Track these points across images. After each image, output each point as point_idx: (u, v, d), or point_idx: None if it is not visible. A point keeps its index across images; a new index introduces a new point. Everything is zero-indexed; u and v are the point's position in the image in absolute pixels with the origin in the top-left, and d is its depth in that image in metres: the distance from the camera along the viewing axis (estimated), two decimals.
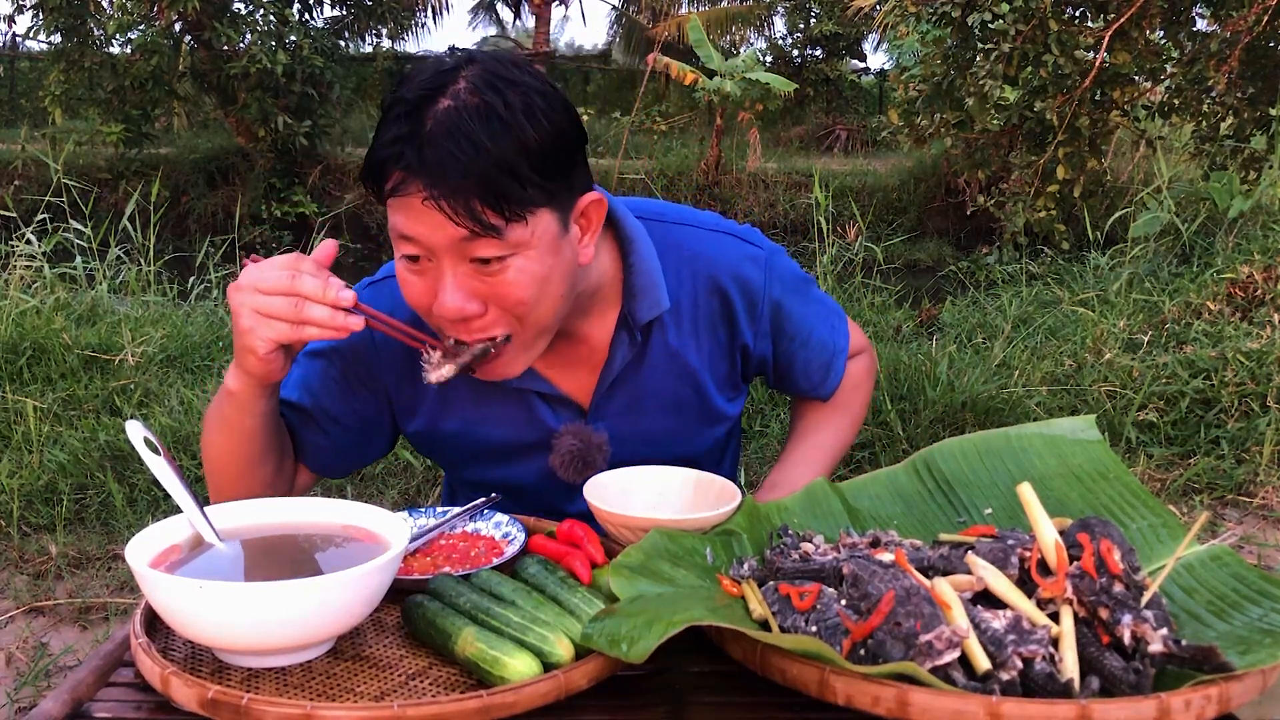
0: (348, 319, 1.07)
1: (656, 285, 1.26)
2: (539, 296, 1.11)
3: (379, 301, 1.23)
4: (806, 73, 17.77)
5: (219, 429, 1.21)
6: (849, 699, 0.83)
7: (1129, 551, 0.91)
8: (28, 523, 3.23)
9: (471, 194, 1.02)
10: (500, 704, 0.84)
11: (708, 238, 1.33)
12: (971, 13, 6.08)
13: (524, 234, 1.07)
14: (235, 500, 1.09)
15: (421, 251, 1.08)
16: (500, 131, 1.03)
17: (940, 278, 7.25)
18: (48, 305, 4.72)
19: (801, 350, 1.41)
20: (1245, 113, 6.24)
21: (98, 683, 0.92)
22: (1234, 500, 3.61)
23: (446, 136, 1.02)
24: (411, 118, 1.04)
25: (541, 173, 1.06)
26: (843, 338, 1.47)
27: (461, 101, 1.03)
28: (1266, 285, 4.81)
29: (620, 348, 1.28)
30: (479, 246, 1.05)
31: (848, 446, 1.51)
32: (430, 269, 1.09)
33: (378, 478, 3.60)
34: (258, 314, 1.07)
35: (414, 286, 1.11)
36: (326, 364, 1.30)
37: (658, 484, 1.25)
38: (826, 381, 1.45)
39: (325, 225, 6.16)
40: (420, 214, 1.04)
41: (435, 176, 1.02)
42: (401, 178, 1.04)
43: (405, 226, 1.07)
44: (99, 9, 11.97)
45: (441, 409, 1.31)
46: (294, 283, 1.06)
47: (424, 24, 23.70)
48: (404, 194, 1.04)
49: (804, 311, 1.40)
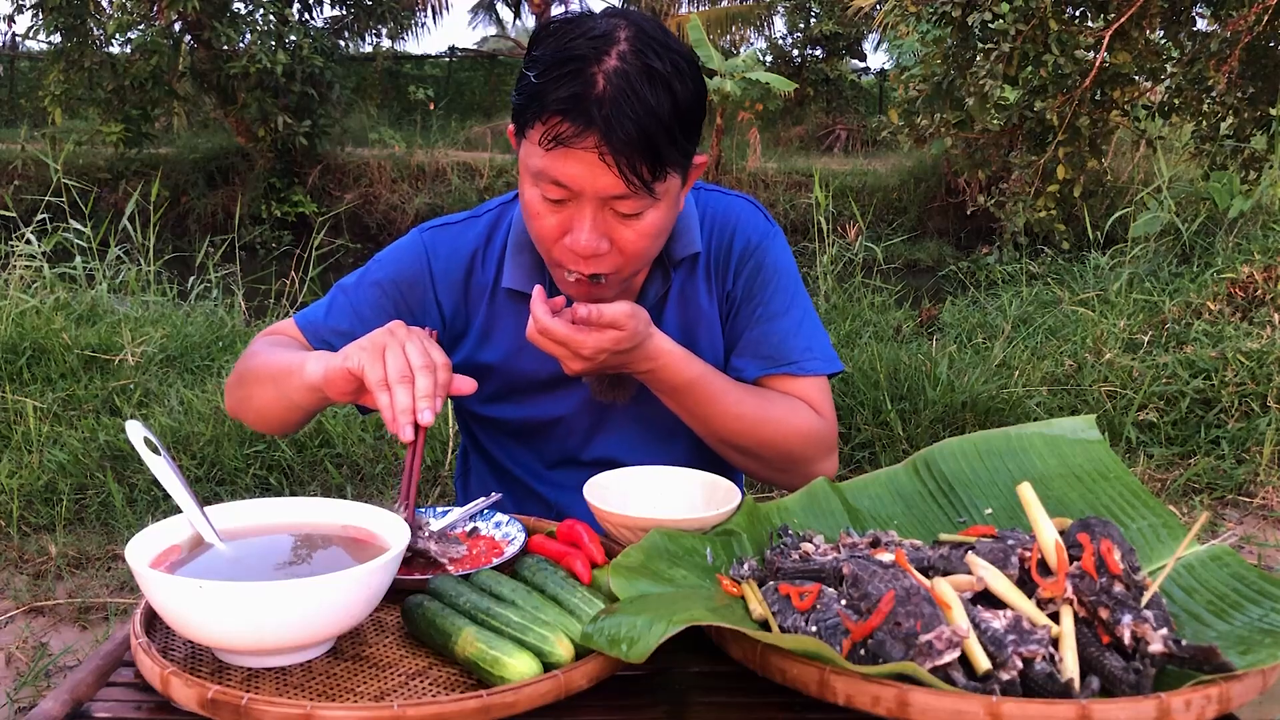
0: (405, 426, 1.09)
1: (690, 229, 1.38)
2: (656, 244, 1.24)
3: (440, 243, 1.40)
4: (806, 72, 17.77)
5: (272, 384, 1.29)
6: (849, 699, 0.83)
7: (1129, 551, 0.91)
8: (28, 523, 3.23)
9: (637, 152, 1.12)
10: (500, 704, 0.84)
11: (728, 199, 1.45)
12: (971, 13, 6.07)
13: (662, 190, 1.18)
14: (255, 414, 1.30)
15: (568, 195, 1.17)
16: (663, 93, 1.13)
17: (940, 278, 7.26)
18: (48, 305, 4.72)
19: (757, 324, 1.38)
20: (1245, 113, 6.24)
21: (98, 683, 0.92)
22: (1234, 500, 3.61)
23: (621, 97, 1.10)
24: (582, 76, 1.11)
25: (686, 134, 1.17)
26: (808, 363, 1.39)
27: (629, 63, 1.12)
28: (1266, 285, 4.81)
29: (653, 284, 1.38)
30: (625, 203, 1.16)
31: (742, 429, 1.33)
32: (568, 209, 1.19)
33: (377, 478, 3.60)
34: (376, 350, 1.12)
35: (546, 220, 1.21)
36: (380, 294, 1.40)
37: (658, 484, 1.25)
38: (757, 371, 1.38)
39: (325, 225, 6.15)
40: (582, 164, 1.13)
41: (609, 133, 1.11)
42: (575, 130, 1.12)
43: (561, 173, 1.15)
44: (99, 9, 11.98)
45: (485, 339, 1.41)
46: (420, 368, 1.11)
47: (424, 24, 23.74)
48: (573, 145, 1.12)
49: (780, 294, 1.40)
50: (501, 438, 1.48)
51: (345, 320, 1.39)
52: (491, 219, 1.43)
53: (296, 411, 1.30)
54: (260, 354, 1.35)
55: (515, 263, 1.37)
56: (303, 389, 1.22)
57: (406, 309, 1.39)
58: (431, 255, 1.40)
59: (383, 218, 12.40)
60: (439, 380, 1.12)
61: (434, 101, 16.94)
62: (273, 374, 1.29)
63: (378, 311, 1.38)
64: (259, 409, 1.35)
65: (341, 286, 1.43)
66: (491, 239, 1.41)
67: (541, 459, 1.47)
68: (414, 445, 1.12)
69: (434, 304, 1.40)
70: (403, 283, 1.40)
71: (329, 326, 1.39)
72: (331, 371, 1.16)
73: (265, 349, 1.36)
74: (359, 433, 3.77)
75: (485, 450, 1.51)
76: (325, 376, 1.17)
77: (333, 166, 12.96)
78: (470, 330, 1.41)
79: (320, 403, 1.25)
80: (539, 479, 1.47)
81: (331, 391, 1.18)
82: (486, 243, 1.41)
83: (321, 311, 1.42)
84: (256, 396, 1.34)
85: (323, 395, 1.21)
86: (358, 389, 1.16)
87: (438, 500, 3.40)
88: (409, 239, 1.44)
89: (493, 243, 1.41)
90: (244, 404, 1.38)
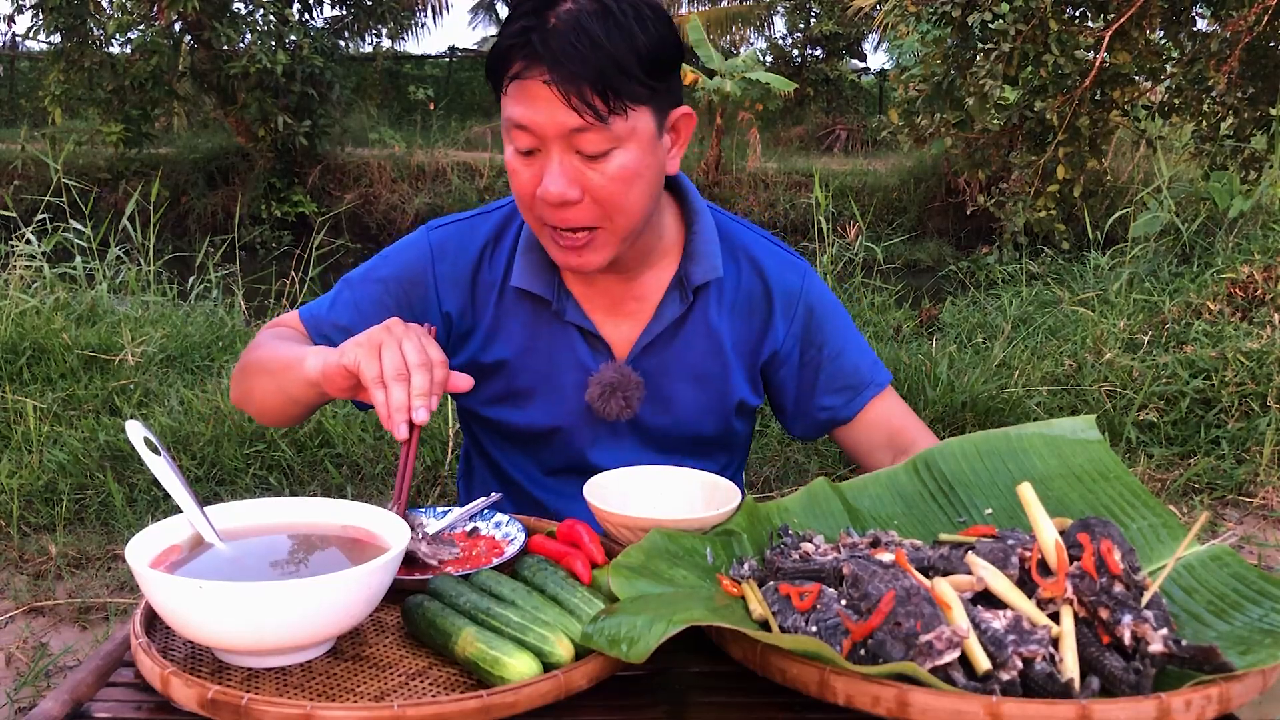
0: (400, 424, 1.09)
1: (713, 254, 1.38)
2: (631, 191, 1.22)
3: (446, 242, 1.40)
4: (806, 73, 17.77)
5: (271, 378, 1.29)
6: (849, 699, 0.83)
7: (1129, 551, 0.91)
8: (28, 523, 3.23)
9: (584, 82, 1.14)
10: (500, 704, 0.84)
11: (757, 238, 1.46)
12: (971, 13, 6.07)
13: (625, 128, 1.18)
14: (256, 406, 1.32)
15: (534, 143, 1.19)
16: (615, 31, 1.15)
17: (940, 278, 7.25)
18: (48, 305, 4.72)
19: (829, 363, 1.44)
20: (1245, 113, 6.24)
21: (98, 683, 0.92)
22: (1234, 500, 3.61)
23: (569, 31, 1.14)
24: (536, 14, 1.16)
25: (647, 72, 1.17)
26: (880, 375, 1.47)
27: (581, 4, 1.15)
28: (1266, 285, 4.81)
29: (670, 305, 1.38)
30: (586, 139, 1.17)
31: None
32: (538, 160, 1.20)
33: (377, 478, 3.60)
34: (372, 346, 1.12)
35: (521, 175, 1.22)
36: (383, 291, 1.40)
37: (658, 484, 1.25)
38: (850, 405, 1.45)
39: (325, 225, 6.15)
40: (536, 100, 1.15)
41: (556, 64, 1.14)
42: (524, 65, 1.16)
43: (521, 115, 1.17)
44: (99, 9, 11.98)
45: (491, 338, 1.40)
46: (416, 365, 1.11)
47: (424, 24, 23.73)
48: (525, 78, 1.16)
49: (836, 328, 1.45)
50: (502, 441, 1.48)
51: (346, 315, 1.39)
52: (502, 217, 1.42)
53: (295, 406, 1.30)
54: (263, 346, 1.35)
55: (525, 261, 1.36)
56: (301, 384, 1.22)
57: (408, 307, 1.39)
58: (436, 254, 1.40)
59: (383, 218, 12.40)
60: (435, 378, 1.12)
61: (434, 101, 16.95)
62: (273, 367, 1.29)
63: (379, 308, 1.39)
64: (260, 401, 1.35)
65: (347, 281, 1.43)
66: (501, 237, 1.41)
67: (541, 465, 1.46)
68: (408, 443, 1.12)
69: (435, 303, 1.40)
70: (405, 280, 1.40)
71: (330, 321, 1.39)
72: (329, 367, 1.16)
73: (268, 341, 1.36)
74: (359, 433, 3.76)
75: (486, 453, 1.51)
76: (323, 372, 1.17)
77: (333, 166, 12.95)
78: (477, 329, 1.41)
79: (319, 398, 1.25)
80: (538, 484, 1.47)
81: (329, 387, 1.18)
82: (495, 240, 1.41)
83: (325, 305, 1.42)
84: (258, 389, 1.34)
85: (320, 391, 1.21)
86: (354, 385, 1.15)
87: (438, 500, 3.40)
88: (415, 236, 1.44)
89: (502, 241, 1.41)
90: (247, 395, 1.38)
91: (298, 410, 1.33)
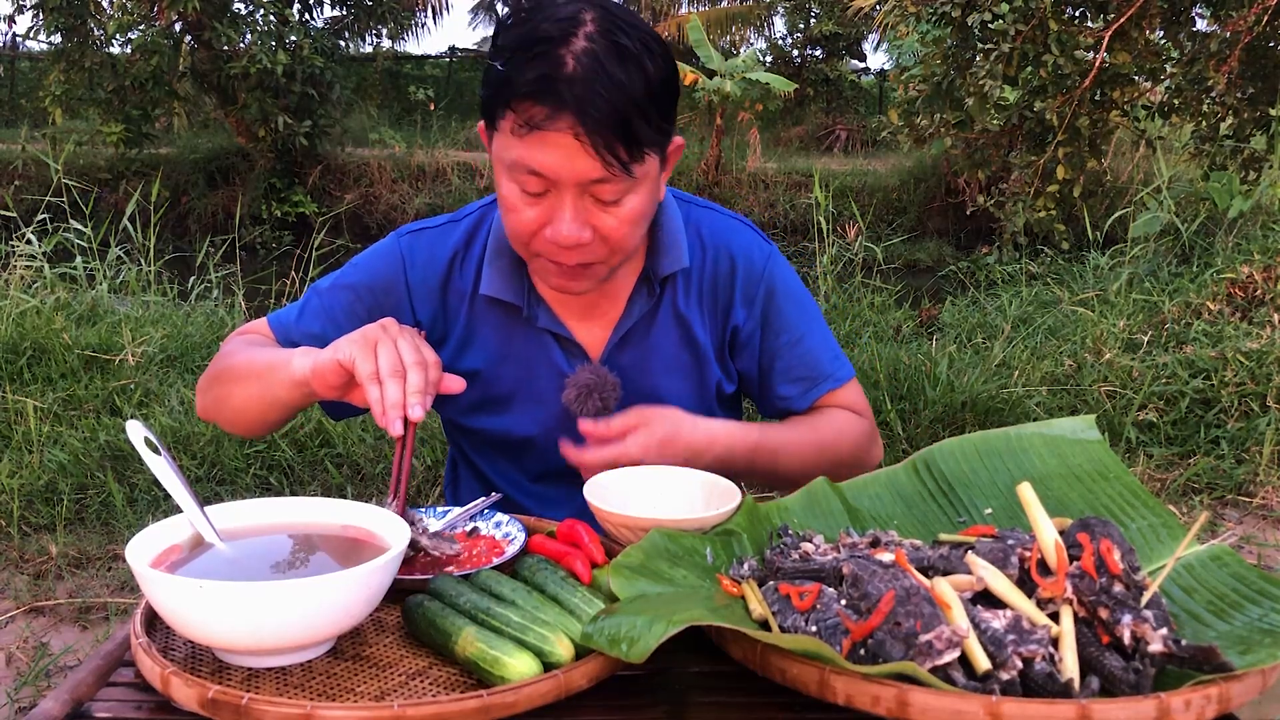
0: (395, 421, 1.09)
1: (678, 245, 1.36)
2: (638, 230, 1.22)
3: (417, 249, 1.38)
4: (806, 73, 17.76)
5: (254, 381, 1.27)
6: (849, 699, 0.83)
7: (1129, 551, 0.91)
8: (28, 523, 3.23)
9: (613, 131, 1.10)
10: (500, 704, 0.84)
11: (724, 220, 1.44)
12: (971, 13, 6.07)
13: (640, 172, 1.16)
14: (232, 412, 1.29)
15: (546, 187, 1.16)
16: (634, 70, 1.11)
17: (940, 278, 7.25)
18: (48, 305, 4.72)
19: (786, 350, 1.42)
20: (1245, 113, 6.24)
21: (98, 683, 0.92)
22: (1234, 500, 3.61)
23: (592, 76, 1.09)
24: (550, 57, 1.10)
25: (661, 113, 1.15)
26: (841, 370, 1.45)
27: (597, 43, 1.10)
28: (1266, 285, 4.81)
29: (638, 300, 1.37)
30: (606, 188, 1.15)
31: (806, 465, 1.35)
32: (547, 200, 1.17)
33: (377, 478, 3.60)
34: (368, 344, 1.12)
35: (524, 215, 1.19)
36: (354, 298, 1.38)
37: (658, 484, 1.25)
38: (807, 395, 1.44)
39: (325, 225, 6.15)
40: (558, 148, 1.11)
41: (583, 114, 1.09)
42: (548, 113, 1.10)
43: (537, 161, 1.13)
44: (99, 9, 11.97)
45: (466, 345, 1.39)
46: (412, 363, 1.11)
47: (424, 24, 23.72)
48: (547, 129, 1.10)
49: (798, 317, 1.43)
50: (485, 449, 1.47)
51: (317, 323, 1.38)
52: (471, 223, 1.40)
53: (277, 409, 1.28)
54: (238, 352, 1.34)
55: (494, 268, 1.35)
56: (288, 384, 1.21)
57: (380, 314, 1.36)
58: (408, 261, 1.38)
59: (383, 218, 12.39)
60: (430, 378, 1.11)
61: (434, 101, 16.93)
62: (255, 371, 1.28)
63: (351, 315, 1.37)
64: (237, 407, 1.33)
65: (316, 289, 1.41)
66: (471, 243, 1.39)
67: (527, 472, 1.46)
68: (403, 440, 1.12)
69: (409, 310, 1.39)
70: (376, 288, 1.39)
71: (300, 328, 1.38)
72: (320, 365, 1.15)
73: (242, 348, 1.35)
74: (359, 433, 3.77)
75: (471, 461, 1.50)
76: (314, 370, 1.16)
77: (333, 167, 12.95)
78: (450, 337, 1.40)
79: (305, 399, 1.24)
80: (523, 491, 1.46)
81: (319, 385, 1.17)
82: (465, 247, 1.39)
83: (294, 313, 1.40)
84: (236, 395, 1.32)
85: (309, 390, 1.20)
86: (346, 383, 1.15)
87: (437, 500, 3.40)
88: (386, 243, 1.42)
89: (472, 247, 1.39)
90: (220, 403, 1.36)
91: (276, 415, 1.31)
